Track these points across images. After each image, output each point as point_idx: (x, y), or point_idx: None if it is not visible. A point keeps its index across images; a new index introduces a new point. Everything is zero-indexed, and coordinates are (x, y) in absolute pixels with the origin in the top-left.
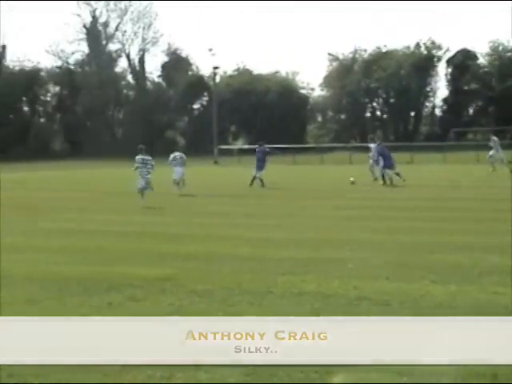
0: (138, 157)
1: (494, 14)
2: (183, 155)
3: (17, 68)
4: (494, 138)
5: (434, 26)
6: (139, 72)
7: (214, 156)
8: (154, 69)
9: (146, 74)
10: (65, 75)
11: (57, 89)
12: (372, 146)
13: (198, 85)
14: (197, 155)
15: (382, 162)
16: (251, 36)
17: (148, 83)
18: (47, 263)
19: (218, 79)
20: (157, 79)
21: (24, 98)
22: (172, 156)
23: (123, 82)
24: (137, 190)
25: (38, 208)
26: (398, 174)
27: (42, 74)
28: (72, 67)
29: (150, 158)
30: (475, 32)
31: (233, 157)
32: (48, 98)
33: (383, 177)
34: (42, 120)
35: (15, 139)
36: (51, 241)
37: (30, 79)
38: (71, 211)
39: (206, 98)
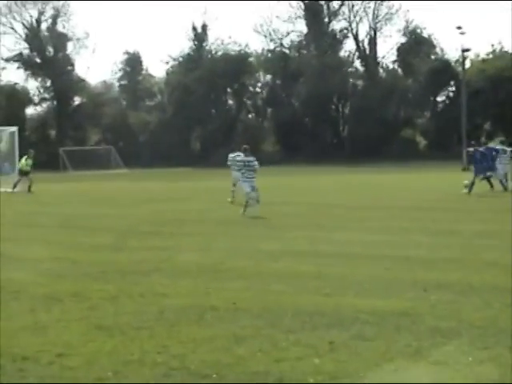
0: (240, 158)
1: None
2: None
3: (219, 53)
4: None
5: None
6: (369, 56)
7: (463, 161)
8: (387, 52)
9: (378, 59)
10: (278, 60)
11: (268, 77)
12: None
13: (444, 72)
14: (441, 159)
15: None
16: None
17: (380, 70)
18: (266, 291)
19: (468, 64)
20: (391, 65)
21: (228, 90)
22: (233, 155)
23: (350, 69)
24: (247, 198)
25: (254, 224)
26: None
27: (251, 59)
28: (287, 51)
29: (252, 158)
30: None
31: None
32: (257, 89)
33: None
34: (249, 116)
35: (218, 139)
36: (264, 263)
37: (236, 66)
38: (298, 228)
39: (452, 89)
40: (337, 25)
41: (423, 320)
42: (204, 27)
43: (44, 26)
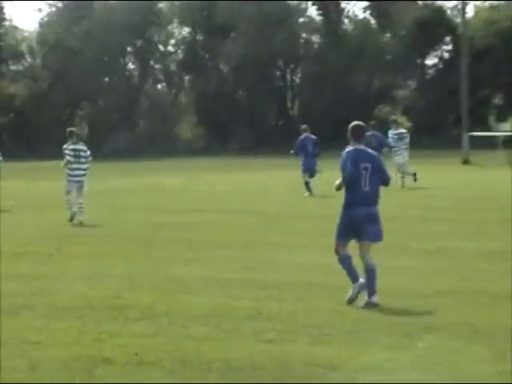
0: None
1: None
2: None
3: None
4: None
5: None
6: (330, 2)
7: (464, 150)
8: None
9: (342, 6)
10: (200, 8)
11: (185, 31)
12: None
13: (435, 24)
14: (432, 148)
15: None
16: None
17: (345, 21)
18: (181, 337)
19: (470, 13)
20: (361, 14)
21: (129, 49)
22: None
23: (301, 20)
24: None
25: (162, 241)
26: None
27: (161, 5)
28: None
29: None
30: None
31: None
32: (170, 48)
33: None
34: (159, 86)
35: (113, 120)
36: (178, 297)
37: (140, 15)
38: (225, 245)
39: (448, 47)
40: None
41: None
42: None
43: None
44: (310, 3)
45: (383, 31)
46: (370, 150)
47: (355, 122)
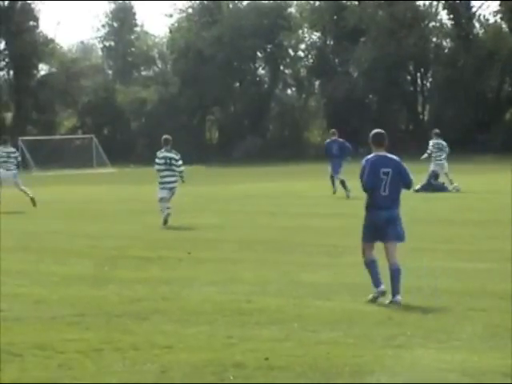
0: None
1: None
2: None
3: (246, 1)
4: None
5: None
6: (460, 5)
7: None
8: None
9: (473, 9)
10: (329, 12)
11: (315, 36)
12: None
13: None
14: None
15: None
16: None
17: (477, 25)
18: (312, 342)
19: None
20: (492, 18)
21: (259, 54)
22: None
23: (432, 24)
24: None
25: (291, 247)
26: None
27: (291, 10)
28: None
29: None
30: None
31: None
32: (300, 53)
33: None
34: (289, 91)
35: (244, 125)
36: (308, 301)
37: (270, 20)
38: (352, 251)
39: None
40: None
41: None
42: None
43: None
44: (440, 7)
45: None
46: (391, 156)
47: (376, 130)
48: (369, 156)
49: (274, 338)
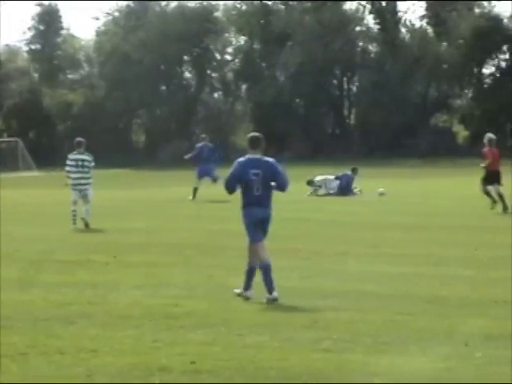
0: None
1: None
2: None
3: (173, 4)
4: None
5: None
6: (387, 10)
7: None
8: (412, 4)
9: (400, 14)
10: (257, 16)
11: (242, 40)
12: None
13: (492, 32)
14: None
15: None
16: None
17: (403, 30)
18: (238, 345)
19: None
20: (418, 23)
21: (186, 58)
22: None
23: (358, 28)
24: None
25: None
26: None
27: (218, 14)
28: (269, 2)
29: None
30: None
31: None
32: (227, 57)
33: None
34: (215, 95)
35: (171, 128)
36: (236, 306)
37: (197, 23)
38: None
39: (505, 56)
40: None
41: None
42: None
43: None
44: (367, 12)
45: (440, 40)
46: (265, 158)
47: (252, 134)
48: (241, 158)
49: (200, 341)
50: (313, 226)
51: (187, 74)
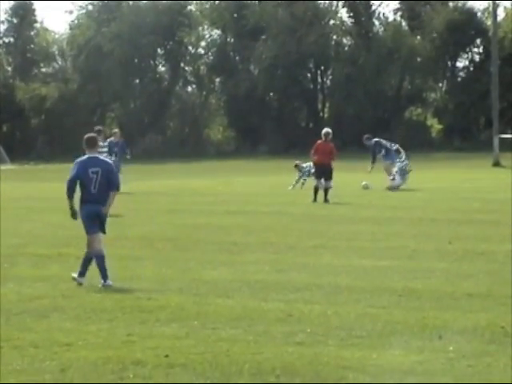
0: None
1: None
2: None
3: None
4: None
5: None
6: (361, 4)
7: (494, 152)
8: None
9: (373, 8)
10: (230, 10)
11: (216, 34)
12: None
13: (466, 26)
14: (462, 150)
15: None
16: None
17: (376, 23)
18: (212, 339)
19: (501, 15)
20: (391, 16)
21: (159, 51)
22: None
23: (332, 22)
24: None
25: (194, 243)
26: None
27: (191, 8)
28: None
29: None
30: None
31: None
32: (200, 50)
33: None
34: (189, 89)
35: (144, 122)
36: (209, 299)
37: (170, 17)
38: (254, 248)
39: (479, 50)
40: None
41: None
42: None
43: None
44: (340, 5)
45: (414, 34)
46: (101, 157)
47: (89, 134)
48: (81, 158)
49: (174, 335)
50: (286, 219)
51: (161, 68)
